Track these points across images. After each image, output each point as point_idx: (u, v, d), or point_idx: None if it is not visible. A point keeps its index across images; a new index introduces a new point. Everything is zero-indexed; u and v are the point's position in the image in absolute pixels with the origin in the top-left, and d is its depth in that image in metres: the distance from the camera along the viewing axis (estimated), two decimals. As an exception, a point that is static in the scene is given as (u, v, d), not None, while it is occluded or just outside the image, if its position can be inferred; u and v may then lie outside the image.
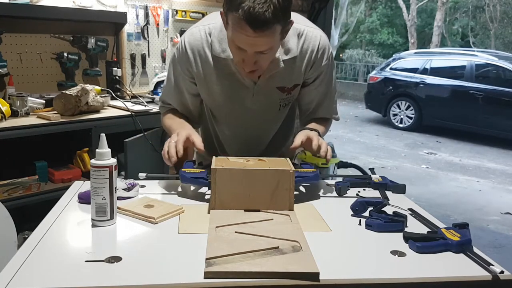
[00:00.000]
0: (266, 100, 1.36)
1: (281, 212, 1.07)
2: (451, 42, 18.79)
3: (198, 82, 1.36)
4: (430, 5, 18.56)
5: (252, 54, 1.16)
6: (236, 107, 1.38)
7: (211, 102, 1.42)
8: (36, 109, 2.42)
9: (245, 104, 1.37)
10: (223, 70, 1.31)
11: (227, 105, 1.38)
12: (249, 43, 1.12)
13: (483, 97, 7.10)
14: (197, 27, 1.33)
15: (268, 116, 1.42)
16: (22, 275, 0.77)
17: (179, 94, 1.41)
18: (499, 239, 3.49)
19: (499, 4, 16.89)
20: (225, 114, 1.43)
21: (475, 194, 4.67)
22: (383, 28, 20.10)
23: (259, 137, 1.48)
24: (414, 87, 7.86)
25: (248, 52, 1.15)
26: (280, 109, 1.40)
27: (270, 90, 1.34)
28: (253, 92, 1.33)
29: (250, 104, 1.36)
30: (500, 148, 6.79)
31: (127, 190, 1.19)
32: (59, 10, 2.61)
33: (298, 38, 1.30)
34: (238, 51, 1.18)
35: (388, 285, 0.80)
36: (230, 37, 1.17)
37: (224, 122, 1.45)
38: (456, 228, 0.97)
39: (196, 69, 1.33)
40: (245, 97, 1.35)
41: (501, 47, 16.42)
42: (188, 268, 0.81)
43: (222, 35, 1.26)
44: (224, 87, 1.34)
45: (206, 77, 1.33)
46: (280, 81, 1.33)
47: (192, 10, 3.30)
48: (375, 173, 1.35)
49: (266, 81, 1.31)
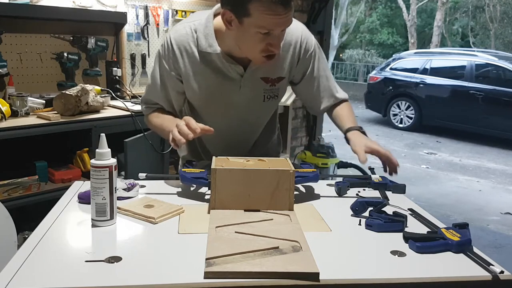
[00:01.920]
0: (251, 93, 1.37)
1: (281, 212, 1.07)
2: (451, 42, 18.80)
3: (185, 79, 1.36)
4: (430, 5, 18.57)
5: (280, 34, 1.20)
6: (223, 102, 1.39)
7: (197, 100, 1.41)
8: (36, 109, 2.42)
9: (231, 99, 1.38)
10: (210, 66, 1.32)
11: (214, 101, 1.39)
12: (281, 22, 1.15)
13: (483, 97, 7.10)
14: (182, 24, 1.34)
15: (253, 108, 1.42)
16: (22, 275, 0.77)
17: (165, 91, 1.40)
18: (499, 239, 3.49)
19: (499, 4, 16.90)
20: (211, 111, 1.42)
21: (475, 194, 4.67)
22: (383, 28, 20.11)
23: (245, 134, 1.49)
24: (414, 87, 7.86)
25: (276, 33, 1.18)
26: (264, 100, 1.41)
27: (255, 81, 1.36)
28: (240, 85, 1.35)
29: (237, 98, 1.37)
30: (500, 148, 6.80)
31: (127, 190, 1.19)
32: (59, 10, 2.61)
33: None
34: (263, 38, 1.18)
35: (388, 285, 0.80)
36: (254, 26, 1.16)
37: (209, 120, 1.41)
38: (456, 228, 0.97)
39: (183, 65, 1.33)
40: (231, 92, 1.36)
41: (501, 47, 16.43)
42: (188, 268, 0.81)
43: (207, 31, 1.29)
44: (211, 83, 1.34)
45: (192, 74, 1.34)
46: (265, 71, 1.35)
47: (192, 10, 3.30)
48: (375, 173, 1.35)
49: (252, 72, 1.33)
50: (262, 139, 1.54)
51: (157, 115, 1.43)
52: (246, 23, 1.17)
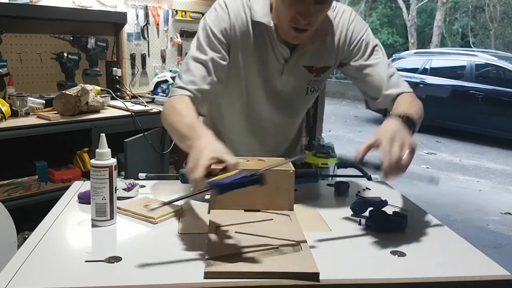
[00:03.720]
0: (294, 82, 1.25)
1: (281, 212, 1.07)
2: (451, 42, 18.79)
3: (233, 49, 1.19)
4: (430, 5, 18.56)
5: (311, 3, 1.06)
6: (268, 87, 1.25)
7: (239, 76, 1.23)
8: (36, 109, 2.42)
9: (275, 84, 1.25)
10: (259, 40, 1.19)
11: (257, 80, 1.24)
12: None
13: (483, 97, 7.10)
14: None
15: (296, 100, 1.30)
16: (22, 275, 0.77)
17: (204, 64, 1.16)
18: (499, 239, 3.49)
19: (499, 4, 16.89)
20: (252, 92, 1.26)
21: (475, 194, 4.67)
22: (383, 28, 20.09)
23: (283, 128, 1.37)
24: (414, 87, 7.79)
25: (307, 1, 1.06)
26: (307, 93, 1.28)
27: (299, 69, 1.23)
28: (282, 70, 1.23)
29: (280, 85, 1.25)
30: (500, 148, 6.79)
31: (127, 190, 1.19)
32: (59, 10, 2.61)
33: (333, 12, 1.22)
34: (294, 2, 1.06)
35: (388, 285, 0.80)
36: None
37: (247, 103, 1.28)
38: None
39: (234, 35, 1.17)
40: (274, 75, 1.24)
41: (501, 47, 16.42)
42: (188, 268, 0.81)
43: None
44: (258, 59, 1.21)
45: (241, 46, 1.19)
46: (310, 59, 1.23)
47: (192, 10, 3.30)
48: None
49: (296, 58, 1.21)
50: (296, 139, 1.43)
51: (177, 106, 1.10)
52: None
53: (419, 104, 1.17)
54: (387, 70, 1.23)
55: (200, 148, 0.88)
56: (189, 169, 0.84)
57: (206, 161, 0.83)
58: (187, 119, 1.04)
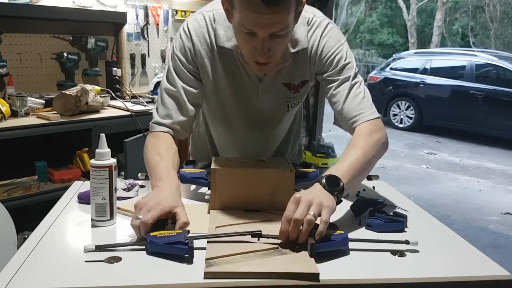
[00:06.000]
0: (272, 100, 1.24)
1: (281, 212, 1.07)
2: (451, 42, 18.79)
3: (203, 74, 1.19)
4: (430, 5, 18.56)
5: (266, 39, 1.01)
6: (243, 104, 1.25)
7: (214, 100, 1.25)
8: (36, 109, 2.42)
9: (250, 106, 1.24)
10: (228, 64, 1.18)
11: (233, 103, 1.24)
12: (262, 22, 0.97)
13: (483, 97, 7.10)
14: (200, 13, 1.18)
15: (277, 118, 1.30)
16: (22, 275, 0.77)
17: (176, 96, 1.18)
18: (499, 239, 3.49)
19: (499, 4, 16.90)
20: (229, 114, 1.28)
21: (475, 194, 4.66)
22: (383, 28, 20.09)
23: (266, 142, 1.36)
24: (414, 87, 7.85)
25: (261, 36, 1.00)
26: (288, 110, 1.28)
27: (276, 88, 1.22)
28: (258, 91, 1.22)
29: (258, 105, 1.24)
30: (500, 148, 6.79)
31: (127, 190, 1.19)
32: (59, 10, 2.61)
33: (308, 26, 1.18)
34: (248, 39, 1.03)
35: (388, 285, 0.80)
36: (237, 22, 1.01)
37: (226, 124, 1.31)
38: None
39: (201, 59, 1.17)
40: (249, 98, 1.24)
41: (501, 47, 16.42)
42: (188, 268, 0.81)
43: (228, 23, 1.11)
44: (230, 82, 1.20)
45: (211, 70, 1.19)
46: (287, 76, 1.20)
47: (192, 10, 3.30)
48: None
49: (272, 76, 1.19)
50: (282, 149, 1.41)
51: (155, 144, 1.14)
52: (234, 16, 1.03)
53: (372, 142, 1.10)
54: (353, 90, 1.17)
55: (159, 199, 0.95)
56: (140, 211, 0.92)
57: (155, 217, 0.90)
58: (161, 164, 1.08)
